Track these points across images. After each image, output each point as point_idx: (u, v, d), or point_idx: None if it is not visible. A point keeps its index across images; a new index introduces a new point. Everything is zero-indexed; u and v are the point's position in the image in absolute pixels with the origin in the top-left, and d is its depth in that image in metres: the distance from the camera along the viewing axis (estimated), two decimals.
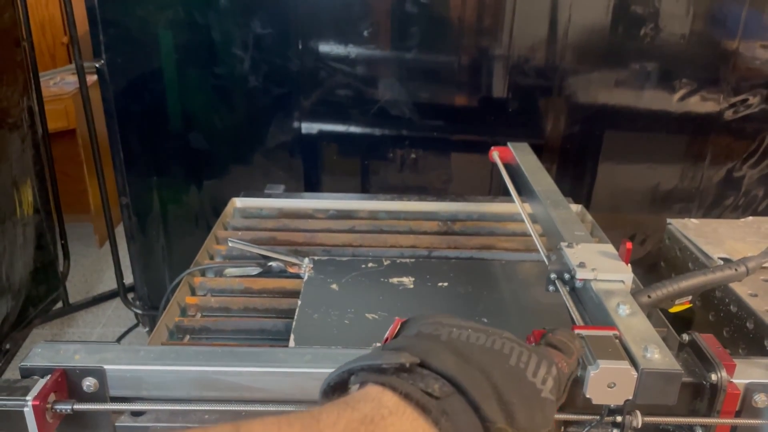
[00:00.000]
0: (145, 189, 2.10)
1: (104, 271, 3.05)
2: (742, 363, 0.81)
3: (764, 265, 0.97)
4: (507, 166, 1.44)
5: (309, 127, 1.94)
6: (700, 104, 1.85)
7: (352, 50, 1.83)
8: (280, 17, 1.81)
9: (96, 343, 0.83)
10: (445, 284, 1.16)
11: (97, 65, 1.93)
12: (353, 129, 1.94)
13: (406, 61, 1.86)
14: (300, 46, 1.84)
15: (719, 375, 0.77)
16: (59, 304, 2.59)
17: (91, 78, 2.10)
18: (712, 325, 1.09)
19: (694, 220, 1.27)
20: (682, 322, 1.11)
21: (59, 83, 3.11)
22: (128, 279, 2.39)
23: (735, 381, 0.78)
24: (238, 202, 1.48)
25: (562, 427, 0.80)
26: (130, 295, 2.43)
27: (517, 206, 1.24)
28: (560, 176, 1.96)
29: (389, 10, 1.80)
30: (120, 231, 2.28)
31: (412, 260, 1.25)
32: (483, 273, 1.22)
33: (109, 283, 2.77)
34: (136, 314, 2.47)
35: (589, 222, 1.44)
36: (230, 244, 1.18)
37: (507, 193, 1.31)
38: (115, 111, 1.97)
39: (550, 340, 0.63)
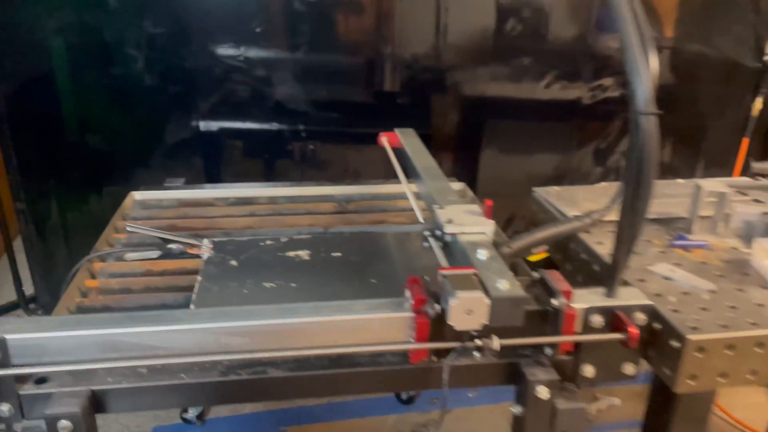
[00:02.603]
0: (42, 194, 2.06)
1: (2, 285, 2.92)
2: (582, 292, 0.97)
3: (605, 218, 1.14)
4: (395, 149, 1.57)
5: (207, 125, 1.99)
6: (566, 92, 2.07)
7: (245, 48, 1.90)
8: (172, 16, 1.85)
9: None
10: (339, 254, 1.26)
11: None
12: (251, 125, 2.01)
13: (299, 59, 1.95)
14: (194, 45, 1.89)
15: (559, 300, 0.92)
16: None
17: None
18: (571, 273, 1.25)
19: (556, 188, 1.45)
20: None
21: None
22: (29, 290, 2.32)
23: (575, 306, 0.93)
24: (138, 195, 1.52)
25: (433, 357, 0.91)
26: (32, 306, 2.37)
27: (409, 185, 1.36)
28: (447, 163, 2.12)
29: (280, 9, 1.88)
30: (18, 243, 2.22)
31: (309, 236, 1.34)
32: (374, 244, 1.32)
33: (8, 296, 2.66)
34: None
35: (470, 197, 1.58)
36: (128, 229, 1.23)
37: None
38: (5, 115, 1.93)
39: None
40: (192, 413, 1.90)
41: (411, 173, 1.45)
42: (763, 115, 2.22)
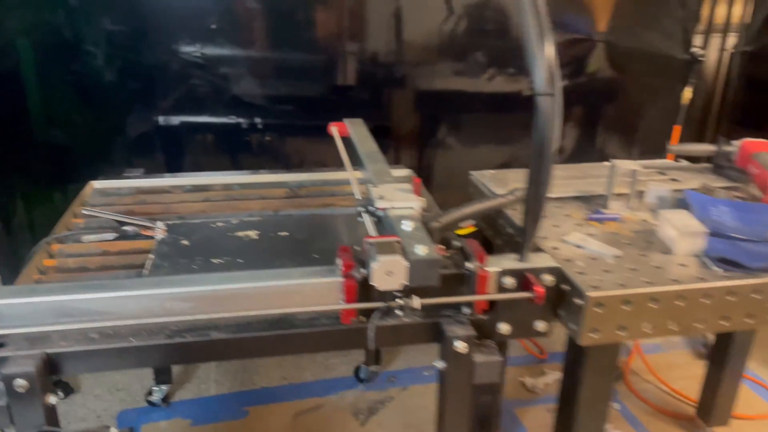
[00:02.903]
0: (7, 190, 2.11)
1: None
2: (497, 257, 1.07)
3: None
4: (344, 138, 1.66)
5: (167, 120, 2.06)
6: (509, 84, 2.18)
7: (202, 44, 1.98)
8: (131, 14, 1.92)
9: None
10: (286, 234, 1.35)
11: None
12: (209, 119, 2.08)
13: (255, 54, 2.03)
14: (153, 42, 1.96)
15: (474, 264, 1.02)
16: None
17: None
18: (501, 246, 1.36)
19: (491, 171, 1.55)
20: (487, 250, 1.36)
21: None
22: None
23: (488, 269, 1.03)
24: (97, 184, 1.59)
25: (361, 317, 1.01)
26: None
27: (354, 172, 1.45)
28: (402, 153, 2.22)
29: (236, 6, 1.97)
30: None
31: (259, 218, 1.43)
32: (320, 224, 1.42)
33: None
34: None
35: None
36: (84, 213, 1.30)
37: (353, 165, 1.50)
38: None
39: None
40: (157, 396, 1.97)
41: (356, 158, 1.55)
42: (692, 104, 2.36)
